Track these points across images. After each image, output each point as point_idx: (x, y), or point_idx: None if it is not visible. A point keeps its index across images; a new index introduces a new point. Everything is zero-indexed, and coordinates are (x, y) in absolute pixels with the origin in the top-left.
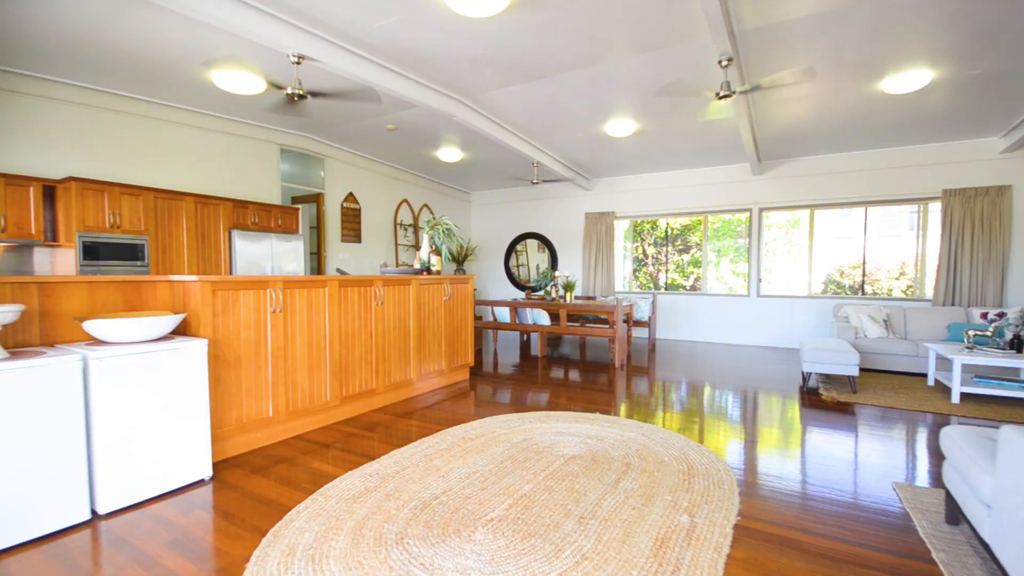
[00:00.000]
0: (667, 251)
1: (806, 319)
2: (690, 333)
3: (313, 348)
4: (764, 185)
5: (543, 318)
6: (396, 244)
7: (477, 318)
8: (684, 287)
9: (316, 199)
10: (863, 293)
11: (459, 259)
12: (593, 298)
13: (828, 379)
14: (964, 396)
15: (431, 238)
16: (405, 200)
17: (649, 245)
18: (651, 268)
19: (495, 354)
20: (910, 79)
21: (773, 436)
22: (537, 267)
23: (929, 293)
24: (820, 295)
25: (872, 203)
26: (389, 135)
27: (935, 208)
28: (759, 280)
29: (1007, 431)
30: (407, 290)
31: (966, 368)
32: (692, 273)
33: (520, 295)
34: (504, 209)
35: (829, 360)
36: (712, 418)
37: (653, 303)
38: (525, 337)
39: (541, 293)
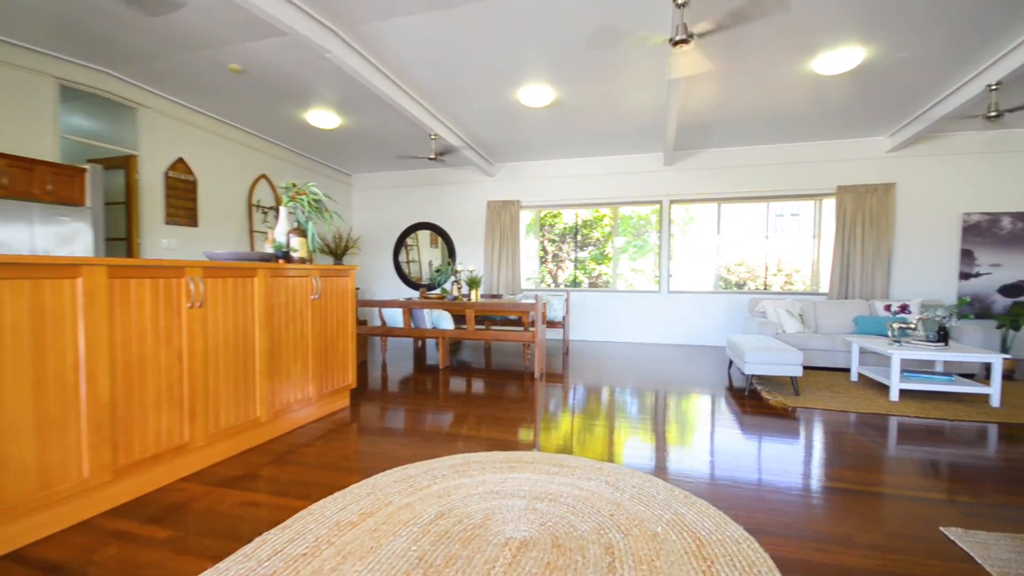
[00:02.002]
0: (572, 245)
1: (717, 315)
2: (600, 333)
3: (51, 385)
4: (675, 177)
5: (445, 321)
6: (251, 231)
7: (361, 322)
8: (587, 284)
9: (126, 163)
10: (766, 287)
11: (337, 251)
12: (499, 296)
13: (762, 380)
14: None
15: (291, 212)
16: (264, 176)
17: (549, 240)
18: (551, 265)
19: (384, 367)
20: (842, 57)
21: (770, 469)
22: (430, 263)
23: (825, 287)
24: (729, 290)
25: (774, 198)
26: (236, 81)
27: (830, 204)
28: (670, 276)
29: None
30: (250, 285)
31: (881, 361)
32: (595, 270)
33: (414, 294)
34: (393, 195)
35: (774, 360)
36: (676, 445)
37: (567, 302)
38: (420, 344)
39: (438, 291)
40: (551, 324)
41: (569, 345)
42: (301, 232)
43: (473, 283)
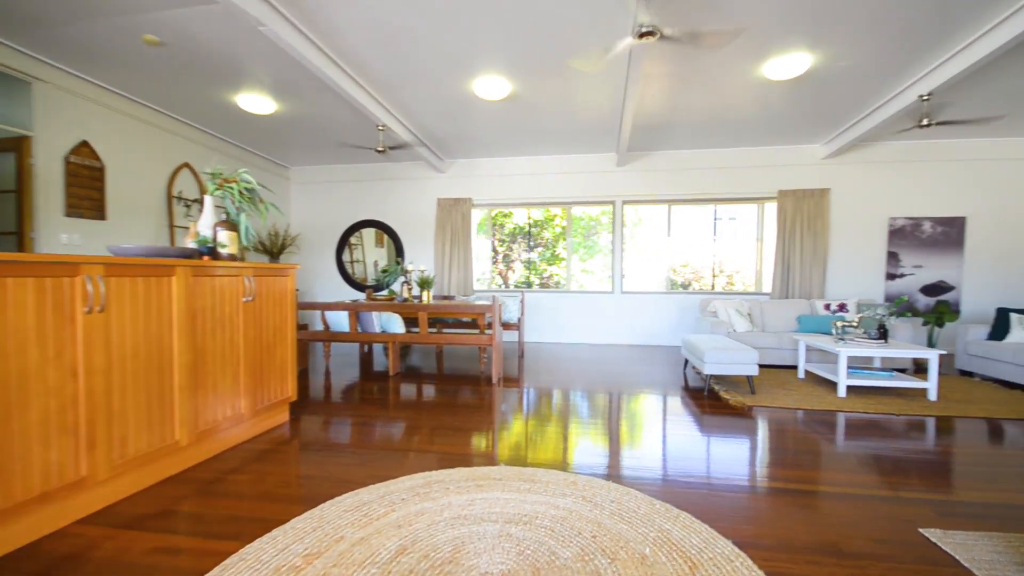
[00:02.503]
0: (523, 246)
1: (669, 315)
2: (555, 334)
3: None
4: (627, 178)
5: (395, 324)
6: (172, 226)
7: (301, 327)
8: (537, 286)
9: (17, 146)
10: (713, 288)
11: (273, 250)
12: (451, 298)
13: (719, 379)
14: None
15: (219, 204)
16: (187, 165)
17: (498, 240)
18: (501, 266)
19: (327, 375)
20: (791, 63)
21: (743, 472)
22: (376, 263)
23: (768, 287)
24: (681, 291)
25: (721, 200)
26: (153, 55)
27: (772, 208)
28: (623, 276)
29: None
30: (166, 286)
31: (825, 359)
32: (545, 270)
33: (359, 296)
34: (336, 191)
35: (732, 360)
36: (646, 451)
37: (522, 303)
38: (366, 349)
39: (385, 293)
40: (506, 326)
41: (524, 348)
42: (231, 225)
43: (425, 284)
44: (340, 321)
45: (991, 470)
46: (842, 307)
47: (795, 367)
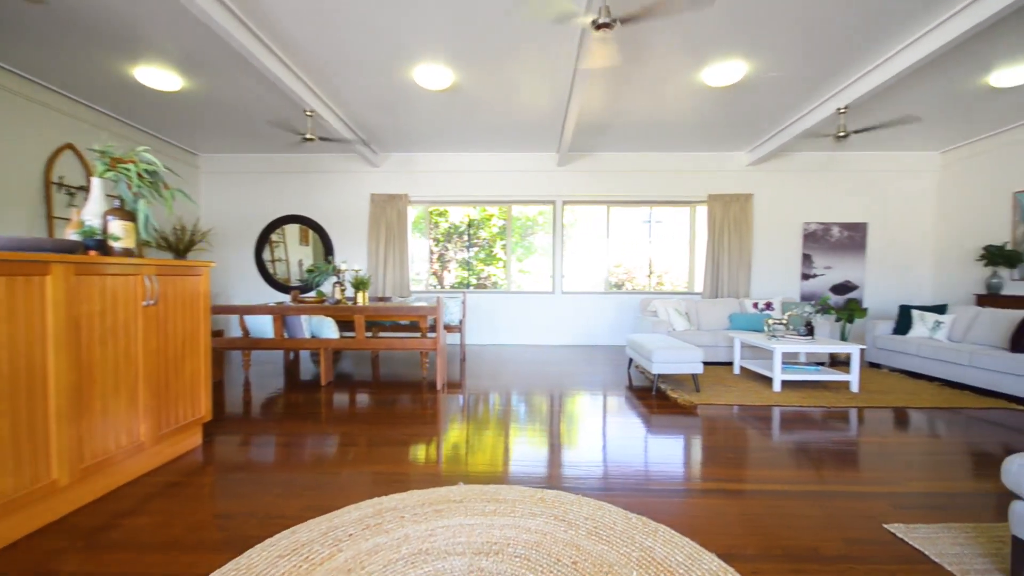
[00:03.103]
0: (459, 245)
1: (608, 315)
2: (494, 336)
3: None
4: (567, 178)
5: (328, 329)
6: (50, 216)
7: (216, 333)
8: (474, 285)
9: None
10: (646, 288)
11: (179, 247)
12: (387, 299)
13: (664, 377)
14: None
15: (110, 186)
16: (70, 146)
17: (434, 239)
18: (436, 265)
19: (247, 387)
20: (728, 70)
21: (706, 475)
22: (300, 262)
23: (699, 287)
24: (621, 291)
25: (656, 203)
26: (31, 16)
27: (703, 211)
28: (563, 276)
29: None
30: (37, 288)
31: (757, 355)
32: (482, 270)
33: (284, 298)
34: (255, 182)
35: (679, 359)
36: (610, 457)
37: (464, 304)
38: (291, 356)
39: (313, 294)
40: (447, 328)
41: (466, 351)
42: (126, 214)
43: (361, 285)
44: (262, 326)
45: (926, 459)
46: (768, 305)
47: (730, 363)
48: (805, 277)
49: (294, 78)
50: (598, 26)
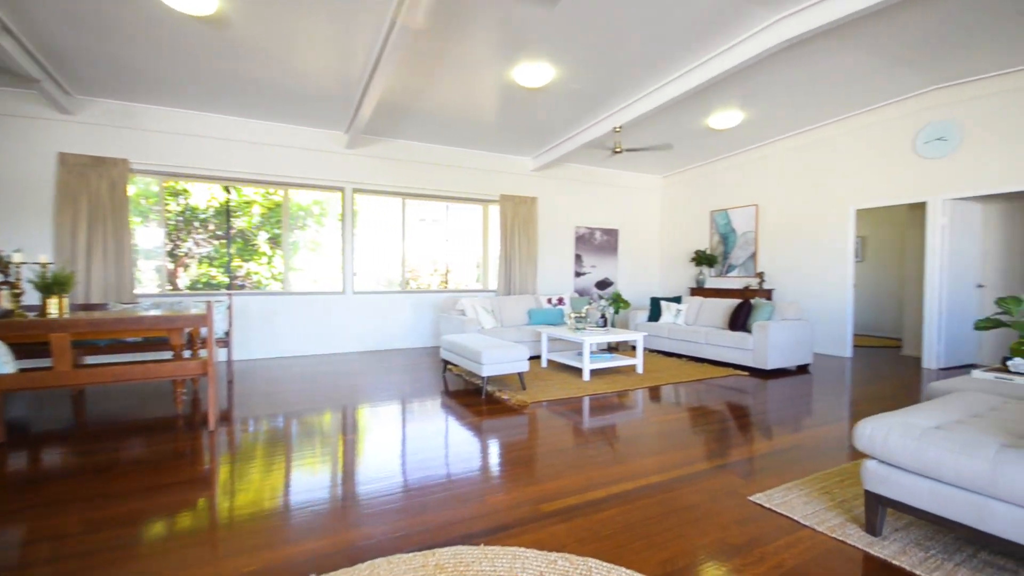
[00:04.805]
0: (208, 234)
1: (405, 316)
2: (268, 348)
3: None
4: (358, 163)
5: None
6: None
7: None
8: (228, 286)
9: None
10: (446, 285)
11: None
12: (101, 306)
13: (489, 379)
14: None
15: None
16: None
17: (169, 226)
18: (168, 260)
19: None
20: (537, 72)
21: (589, 483)
22: None
23: (493, 284)
24: (417, 290)
25: (453, 198)
26: None
27: (495, 210)
28: (354, 274)
29: None
30: None
31: (563, 344)
32: (240, 267)
33: None
34: None
35: (507, 358)
36: (484, 484)
37: (230, 310)
38: None
39: None
40: (205, 342)
41: (234, 370)
42: None
43: (59, 286)
44: None
45: (727, 425)
46: (560, 300)
47: (536, 358)
48: (577, 275)
49: None
50: None
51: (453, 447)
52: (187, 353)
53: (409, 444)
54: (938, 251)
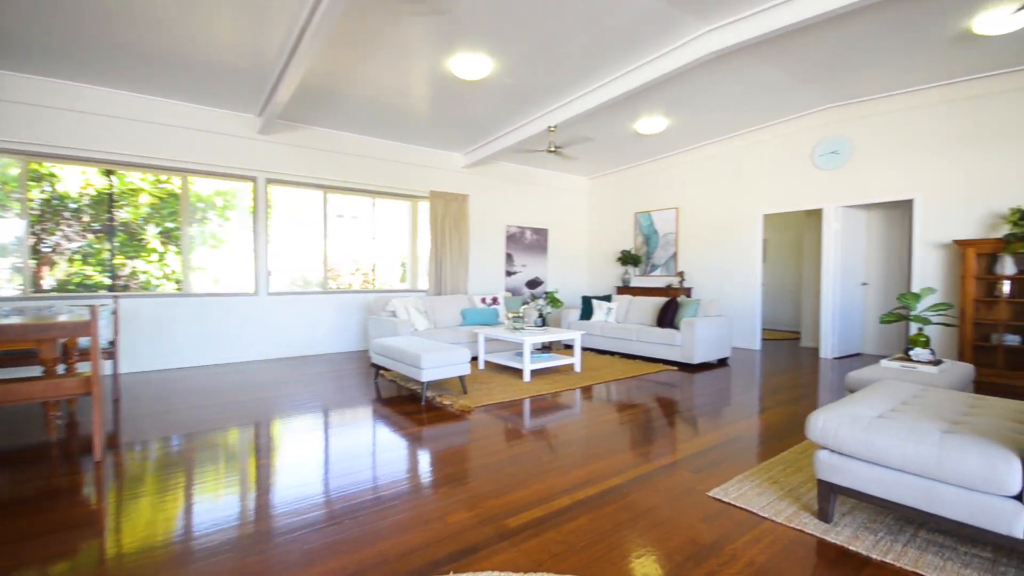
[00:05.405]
0: (81, 227)
1: (327, 319)
2: (165, 358)
3: None
4: (273, 151)
5: None
6: None
7: None
8: (109, 287)
9: None
10: (369, 285)
11: None
12: None
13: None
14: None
15: None
16: None
17: (33, 215)
18: (28, 257)
19: None
20: (474, 64)
21: (549, 493)
22: None
23: (422, 284)
24: (340, 291)
25: (379, 194)
26: None
27: (425, 206)
28: (269, 274)
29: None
30: None
31: (497, 344)
32: (124, 266)
33: None
34: None
35: (448, 362)
36: (449, 500)
37: (116, 315)
38: None
39: None
40: (82, 355)
41: (121, 386)
42: None
43: None
44: None
45: (671, 420)
46: (495, 300)
47: (473, 359)
48: (508, 274)
49: None
50: None
51: (397, 463)
52: (61, 368)
53: (344, 462)
54: (832, 253)
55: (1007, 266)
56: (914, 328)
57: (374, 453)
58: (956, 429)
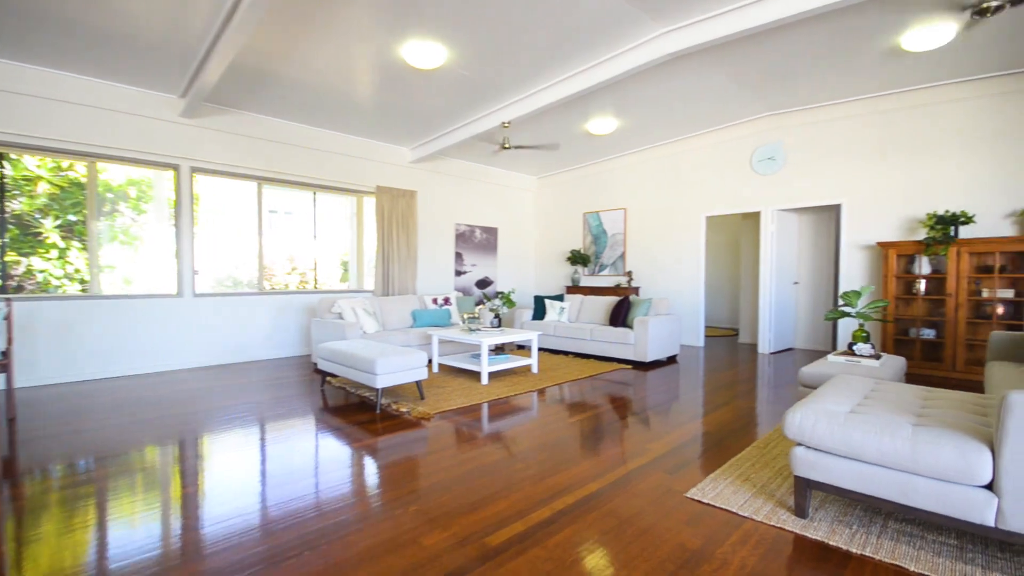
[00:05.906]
0: None
1: (263, 322)
2: (69, 369)
3: None
4: (198, 136)
5: None
6: None
7: None
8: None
9: None
10: (308, 285)
11: None
12: None
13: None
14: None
15: None
16: None
17: None
18: None
19: None
20: (428, 52)
21: (532, 499)
22: None
23: (368, 284)
24: (277, 291)
25: (320, 187)
26: None
27: (371, 202)
28: (195, 273)
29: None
30: None
31: (451, 346)
32: (17, 264)
33: None
34: None
35: (406, 366)
36: (439, 515)
37: (9, 319)
38: None
39: None
40: None
41: (16, 402)
42: None
43: None
44: None
45: (637, 419)
46: (447, 301)
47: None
48: (458, 273)
49: None
50: None
51: (355, 479)
52: None
53: (294, 483)
54: (769, 254)
55: (924, 266)
56: (855, 324)
57: (328, 470)
58: (923, 423)
